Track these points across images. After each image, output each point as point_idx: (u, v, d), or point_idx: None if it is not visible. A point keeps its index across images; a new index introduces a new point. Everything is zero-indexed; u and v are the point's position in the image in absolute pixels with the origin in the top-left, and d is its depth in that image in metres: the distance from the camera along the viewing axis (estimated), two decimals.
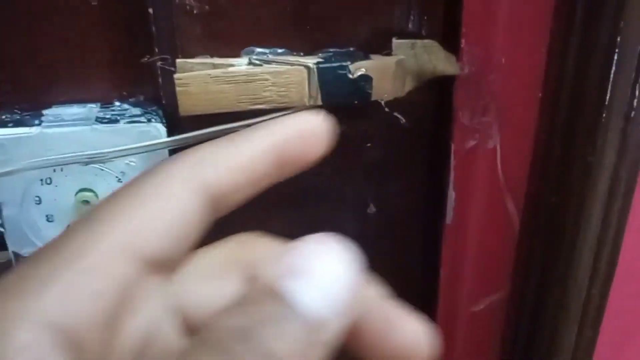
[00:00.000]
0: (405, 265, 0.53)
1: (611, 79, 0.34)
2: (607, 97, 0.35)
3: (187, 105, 0.36)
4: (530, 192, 0.40)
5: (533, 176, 0.39)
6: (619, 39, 0.33)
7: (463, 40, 0.43)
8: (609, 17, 0.33)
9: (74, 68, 0.40)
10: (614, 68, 0.34)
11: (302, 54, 0.40)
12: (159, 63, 0.39)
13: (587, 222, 0.38)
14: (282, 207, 0.47)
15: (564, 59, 0.35)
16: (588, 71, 0.35)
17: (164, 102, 0.42)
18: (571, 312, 0.39)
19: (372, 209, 0.48)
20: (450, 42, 0.43)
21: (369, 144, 0.45)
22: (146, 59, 0.39)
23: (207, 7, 0.37)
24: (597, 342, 0.42)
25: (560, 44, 0.35)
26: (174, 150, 0.41)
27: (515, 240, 0.42)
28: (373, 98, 0.38)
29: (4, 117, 0.39)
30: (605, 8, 0.32)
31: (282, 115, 0.38)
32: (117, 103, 0.42)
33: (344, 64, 0.37)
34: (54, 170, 0.39)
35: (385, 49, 0.41)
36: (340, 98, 0.38)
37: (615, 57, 0.34)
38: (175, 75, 0.35)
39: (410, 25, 0.41)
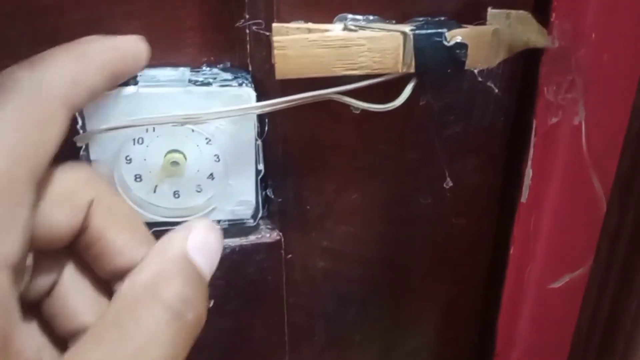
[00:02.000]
0: (476, 243, 0.53)
1: None
2: None
3: (284, 68, 0.36)
4: (621, 169, 0.39)
5: (626, 151, 0.38)
6: None
7: (553, 14, 0.42)
8: None
9: (166, 31, 0.41)
10: None
11: (394, 22, 0.40)
12: (253, 27, 0.39)
13: None
14: (359, 177, 0.47)
15: None
16: None
17: (251, 68, 0.42)
18: None
19: (449, 182, 0.48)
20: (541, 14, 0.42)
21: (452, 116, 0.45)
22: (241, 23, 0.40)
23: None
24: None
25: None
26: (262, 116, 0.41)
27: (600, 219, 0.42)
28: (467, 67, 0.38)
29: None
30: None
31: (374, 83, 0.39)
32: (206, 67, 0.42)
33: (440, 30, 0.37)
34: (147, 131, 0.40)
35: (478, 19, 0.40)
36: (435, 65, 0.38)
37: None
38: (275, 38, 0.35)
39: None
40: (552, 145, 0.47)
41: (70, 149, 0.39)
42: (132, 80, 0.39)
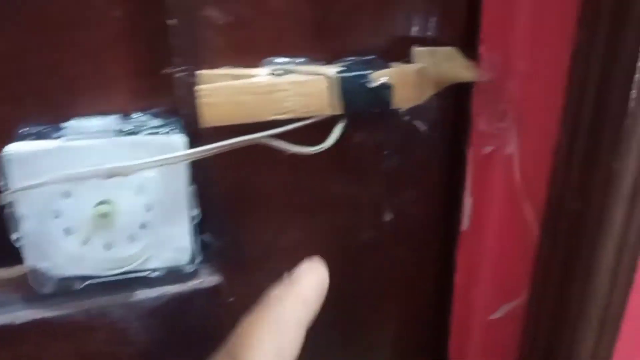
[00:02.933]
0: (421, 272, 0.53)
1: (635, 85, 0.34)
2: (631, 104, 0.35)
3: (209, 116, 0.35)
4: (550, 198, 0.40)
5: (554, 182, 0.39)
6: None
7: (481, 46, 0.43)
8: (635, 22, 0.32)
9: (95, 80, 0.40)
10: (637, 74, 0.34)
11: (322, 62, 0.40)
12: (179, 74, 0.39)
13: (608, 229, 0.38)
14: (298, 215, 0.47)
15: (587, 65, 0.35)
16: (612, 77, 0.35)
17: (183, 112, 0.42)
18: (591, 319, 0.38)
19: (388, 215, 0.48)
20: (469, 48, 0.43)
21: (385, 151, 0.45)
22: (167, 70, 0.39)
23: (231, 18, 0.37)
24: (614, 350, 0.42)
25: (584, 50, 0.35)
26: (194, 162, 0.40)
27: (533, 247, 0.42)
28: (393, 106, 0.38)
29: (23, 130, 0.39)
30: (630, 13, 0.32)
31: (302, 125, 0.39)
32: (137, 114, 0.41)
33: (365, 72, 0.37)
34: (74, 183, 0.39)
35: (404, 56, 0.41)
36: (362, 106, 0.38)
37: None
38: (197, 87, 0.35)
39: (429, 32, 0.41)
40: (488, 174, 0.47)
41: None
42: (56, 133, 0.38)
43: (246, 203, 0.44)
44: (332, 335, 0.54)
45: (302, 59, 0.39)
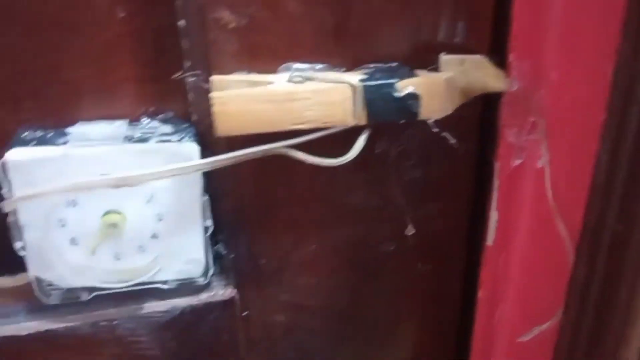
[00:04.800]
0: (443, 288, 0.50)
1: None
2: None
3: (225, 125, 0.33)
4: (588, 217, 0.37)
5: (593, 202, 0.36)
6: None
7: (511, 54, 0.40)
8: None
9: (99, 83, 0.39)
10: None
11: (343, 69, 0.37)
12: (191, 79, 0.37)
13: None
14: (315, 228, 0.45)
15: (632, 76, 0.32)
16: None
17: (195, 119, 0.40)
18: (632, 345, 0.36)
19: (410, 229, 0.46)
20: (498, 55, 0.40)
21: (409, 162, 0.43)
22: (178, 75, 0.37)
23: (244, 21, 0.34)
24: None
25: (629, 61, 0.32)
26: (208, 171, 0.38)
27: (567, 266, 0.40)
28: (420, 117, 0.36)
29: (26, 135, 0.37)
30: None
31: (324, 135, 0.36)
32: (146, 120, 0.39)
33: (390, 81, 0.35)
34: (80, 192, 0.37)
35: (430, 64, 0.38)
36: (387, 117, 0.35)
37: None
38: (212, 94, 0.33)
39: (456, 38, 0.39)
40: (517, 188, 0.45)
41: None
42: (61, 139, 0.36)
43: (261, 214, 0.42)
44: (347, 352, 0.52)
45: (321, 65, 0.37)
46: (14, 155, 0.35)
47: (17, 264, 0.40)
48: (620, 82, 0.33)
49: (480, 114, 0.42)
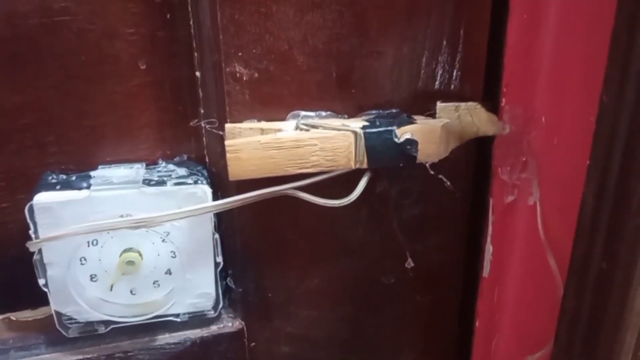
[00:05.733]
0: (441, 318, 0.53)
1: None
2: None
3: (237, 170, 0.36)
4: (575, 255, 0.39)
5: (579, 241, 0.38)
6: None
7: (503, 99, 0.43)
8: None
9: (121, 129, 0.41)
10: None
11: (346, 116, 0.40)
12: (206, 126, 0.39)
13: (636, 290, 0.37)
14: (319, 262, 0.47)
15: (615, 121, 0.35)
16: None
17: (207, 160, 0.43)
18: None
19: (410, 263, 0.48)
20: (490, 101, 0.43)
21: (407, 200, 0.45)
22: (194, 122, 0.40)
23: (256, 74, 0.37)
24: None
25: (610, 108, 0.35)
26: (219, 213, 0.41)
27: (557, 299, 0.42)
28: (418, 161, 0.39)
29: (51, 178, 0.40)
30: None
31: (328, 178, 0.39)
32: (162, 163, 0.42)
33: (390, 128, 0.37)
34: (101, 232, 0.39)
35: (427, 110, 0.41)
36: (386, 161, 0.38)
37: None
38: (227, 142, 0.35)
39: (451, 87, 0.42)
40: (510, 223, 0.47)
41: (26, 254, 0.39)
42: (84, 182, 0.39)
43: (269, 250, 0.45)
44: None
45: (326, 112, 0.40)
46: (40, 198, 0.38)
47: (38, 298, 0.42)
48: (603, 128, 0.36)
49: (475, 154, 0.45)
